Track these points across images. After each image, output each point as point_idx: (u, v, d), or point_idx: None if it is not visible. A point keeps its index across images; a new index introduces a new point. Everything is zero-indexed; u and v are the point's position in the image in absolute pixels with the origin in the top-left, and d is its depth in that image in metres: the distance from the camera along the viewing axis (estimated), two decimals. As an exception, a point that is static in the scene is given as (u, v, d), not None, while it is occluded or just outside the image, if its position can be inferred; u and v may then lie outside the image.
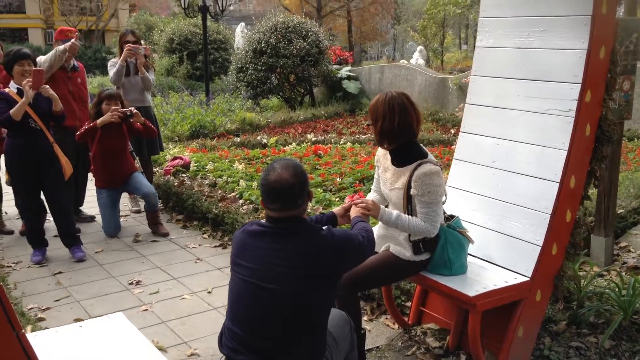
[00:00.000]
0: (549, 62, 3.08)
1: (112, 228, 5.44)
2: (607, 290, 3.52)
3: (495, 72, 3.38)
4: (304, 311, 2.24)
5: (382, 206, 2.92)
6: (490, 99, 3.38)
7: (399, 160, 2.96)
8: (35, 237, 4.79)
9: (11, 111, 4.36)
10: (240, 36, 20.59)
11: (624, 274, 3.74)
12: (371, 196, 3.22)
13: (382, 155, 3.10)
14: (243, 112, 11.39)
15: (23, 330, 1.75)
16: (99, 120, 5.15)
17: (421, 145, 3.00)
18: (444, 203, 3.07)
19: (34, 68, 4.54)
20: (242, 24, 22.49)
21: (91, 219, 5.90)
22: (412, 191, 2.85)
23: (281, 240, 2.27)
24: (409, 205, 2.91)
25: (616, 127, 3.19)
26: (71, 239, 4.84)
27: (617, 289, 3.47)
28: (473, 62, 3.58)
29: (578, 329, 3.33)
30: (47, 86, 4.54)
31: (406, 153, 2.93)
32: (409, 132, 2.90)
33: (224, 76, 17.35)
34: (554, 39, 3.06)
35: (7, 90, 4.53)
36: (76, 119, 5.43)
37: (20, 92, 4.44)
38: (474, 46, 3.66)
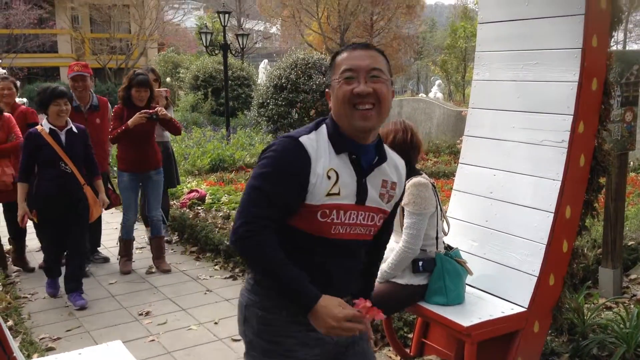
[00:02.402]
0: (543, 94, 3.13)
1: (131, 212, 5.34)
2: (611, 323, 3.48)
3: (491, 104, 3.44)
4: None
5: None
6: (488, 130, 3.43)
7: None
8: (51, 269, 4.76)
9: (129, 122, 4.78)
10: (262, 72, 21.05)
11: (630, 305, 3.69)
12: None
13: None
14: (263, 145, 11.56)
15: (14, 355, 1.83)
16: (129, 122, 5.00)
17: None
18: (446, 234, 3.12)
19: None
20: (266, 60, 22.99)
21: (105, 260, 5.72)
22: (402, 202, 2.94)
23: None
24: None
25: (611, 158, 3.20)
26: (75, 283, 4.60)
27: (620, 321, 3.43)
28: (470, 95, 3.65)
29: (581, 362, 3.29)
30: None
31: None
32: (416, 152, 3.08)
33: (246, 111, 17.69)
34: (546, 72, 3.11)
35: (38, 128, 4.40)
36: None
37: (52, 132, 4.35)
38: None
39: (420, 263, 2.99)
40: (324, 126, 1.81)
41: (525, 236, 3.08)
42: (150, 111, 5.03)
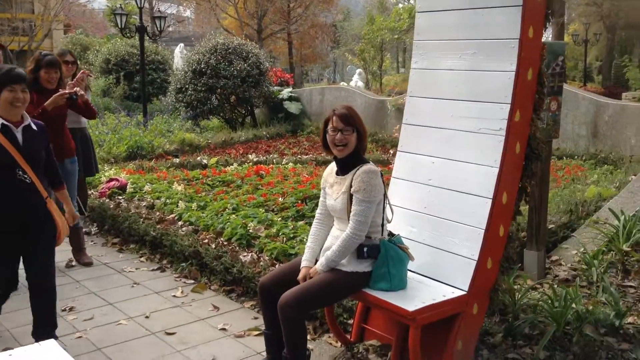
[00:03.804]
0: (481, 83, 3.20)
1: None
2: (540, 303, 3.65)
3: (429, 93, 3.49)
4: None
5: (314, 266, 3.08)
6: (426, 118, 3.48)
7: (344, 168, 3.09)
8: None
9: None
10: (179, 57, 20.45)
11: (555, 286, 3.89)
12: (316, 224, 3.29)
13: (328, 174, 3.20)
14: (182, 132, 11.25)
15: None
16: (47, 104, 4.57)
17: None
18: (389, 222, 3.14)
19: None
20: (181, 44, 22.37)
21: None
22: (352, 189, 2.96)
23: None
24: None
25: (544, 146, 3.34)
26: (49, 329, 3.42)
27: (549, 301, 3.60)
28: (409, 83, 3.67)
29: (514, 341, 3.43)
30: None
31: (351, 161, 3.07)
32: (362, 139, 3.09)
33: (162, 97, 17.12)
34: (484, 61, 3.19)
35: None
36: None
37: (5, 129, 3.21)
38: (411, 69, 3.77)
39: (365, 249, 3.00)
40: None
41: (463, 222, 3.15)
42: (70, 91, 4.71)
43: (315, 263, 3.11)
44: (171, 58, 19.65)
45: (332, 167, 3.20)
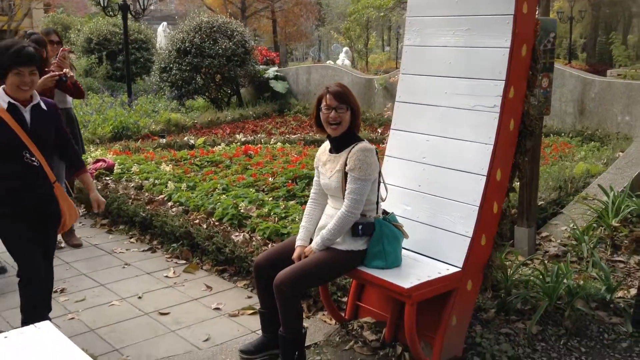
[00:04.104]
0: (474, 60, 3.18)
1: None
2: (532, 278, 3.69)
3: (423, 70, 3.46)
4: None
5: (309, 245, 3.07)
6: (419, 96, 3.46)
7: (338, 147, 3.06)
8: (38, 312, 3.17)
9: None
10: (162, 36, 20.16)
11: (546, 262, 3.93)
12: (310, 203, 3.27)
13: (321, 152, 3.18)
14: (168, 113, 11.12)
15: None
16: (38, 85, 4.49)
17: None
18: (384, 200, 3.13)
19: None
20: (164, 23, 22.06)
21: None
22: (347, 167, 2.94)
23: None
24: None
25: (537, 122, 3.34)
26: (45, 312, 3.29)
27: (541, 277, 3.64)
28: (401, 60, 3.65)
29: (506, 316, 3.47)
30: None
31: (346, 139, 3.04)
32: (356, 118, 3.06)
33: (146, 77, 16.89)
34: (478, 38, 3.17)
35: None
36: None
37: (12, 108, 3.01)
38: (397, 48, 3.75)
39: (360, 227, 2.99)
40: None
41: (458, 199, 3.15)
42: (60, 73, 4.63)
43: (310, 242, 3.11)
44: (154, 37, 19.35)
45: (326, 145, 3.17)
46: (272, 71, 14.38)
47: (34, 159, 3.04)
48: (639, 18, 29.12)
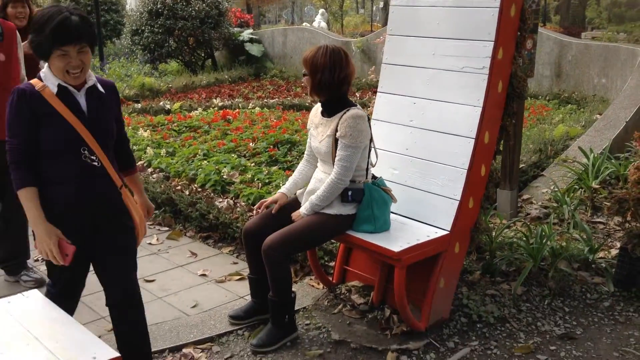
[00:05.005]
0: (463, 20, 3.13)
1: None
2: (516, 240, 3.73)
3: (410, 31, 3.40)
4: None
5: (299, 211, 3.03)
6: (406, 58, 3.41)
7: (329, 111, 3.01)
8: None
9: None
10: (132, -3, 19.55)
11: (529, 224, 3.97)
12: (303, 161, 3.26)
13: (314, 114, 3.13)
14: (141, 77, 10.87)
15: None
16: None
17: (349, 98, 3.06)
18: (373, 166, 3.11)
19: None
20: (134, -16, 21.38)
21: (38, 283, 3.68)
22: (337, 134, 2.90)
23: None
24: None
25: (525, 84, 3.32)
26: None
27: (524, 239, 3.68)
28: (388, 21, 3.58)
29: (492, 278, 3.51)
30: None
31: (337, 104, 2.99)
32: (346, 85, 2.97)
33: (116, 39, 16.44)
34: (467, -3, 3.11)
35: (35, 83, 2.32)
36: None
37: (63, 92, 2.32)
38: (371, 10, 3.67)
39: (350, 193, 2.97)
40: None
41: (446, 162, 3.14)
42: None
43: (294, 195, 3.16)
44: (124, -2, 18.79)
45: (318, 107, 3.12)
46: (246, 34, 14.11)
47: (94, 157, 2.35)
48: (612, -20, 29.18)
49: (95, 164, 2.36)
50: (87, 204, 2.37)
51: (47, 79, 2.32)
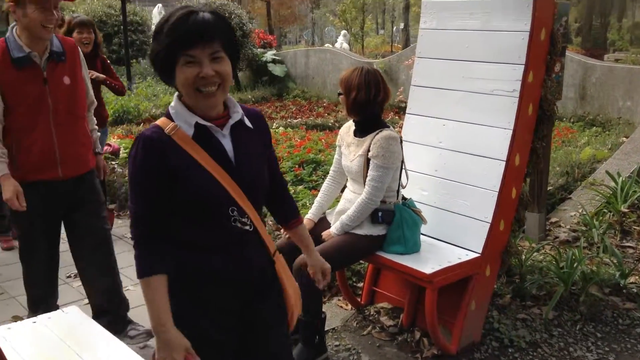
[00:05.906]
0: (493, 43, 3.16)
1: None
2: (546, 264, 3.70)
3: (439, 53, 3.44)
4: None
5: (329, 231, 3.06)
6: (436, 80, 3.44)
7: (362, 131, 3.05)
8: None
9: None
10: (157, 18, 19.91)
11: (555, 247, 3.94)
12: (328, 180, 3.28)
13: (345, 133, 3.15)
14: (168, 96, 11.04)
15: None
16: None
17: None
18: (404, 187, 3.12)
19: None
20: (159, 5, 21.83)
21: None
22: (370, 154, 2.93)
23: None
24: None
25: (555, 107, 3.33)
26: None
27: (554, 262, 3.65)
28: (417, 44, 3.62)
29: (522, 302, 3.48)
30: None
31: (370, 124, 3.03)
32: (380, 105, 3.02)
33: (142, 60, 16.71)
34: (496, 21, 3.14)
35: (163, 125, 1.72)
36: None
37: (203, 133, 1.74)
38: (391, 31, 3.71)
39: (380, 214, 2.99)
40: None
41: (476, 184, 3.15)
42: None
43: (321, 220, 3.17)
44: (149, 19, 19.15)
45: (350, 125, 3.16)
46: (269, 54, 14.28)
47: (245, 219, 1.77)
48: (633, 2, 29.08)
49: (248, 227, 1.78)
50: (238, 276, 1.79)
51: (179, 117, 1.71)
